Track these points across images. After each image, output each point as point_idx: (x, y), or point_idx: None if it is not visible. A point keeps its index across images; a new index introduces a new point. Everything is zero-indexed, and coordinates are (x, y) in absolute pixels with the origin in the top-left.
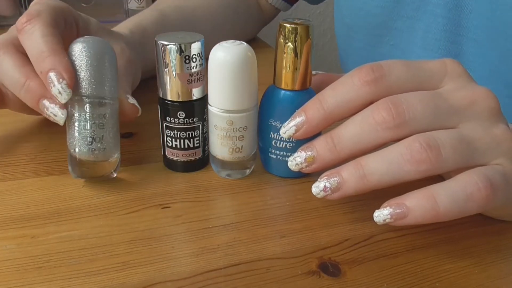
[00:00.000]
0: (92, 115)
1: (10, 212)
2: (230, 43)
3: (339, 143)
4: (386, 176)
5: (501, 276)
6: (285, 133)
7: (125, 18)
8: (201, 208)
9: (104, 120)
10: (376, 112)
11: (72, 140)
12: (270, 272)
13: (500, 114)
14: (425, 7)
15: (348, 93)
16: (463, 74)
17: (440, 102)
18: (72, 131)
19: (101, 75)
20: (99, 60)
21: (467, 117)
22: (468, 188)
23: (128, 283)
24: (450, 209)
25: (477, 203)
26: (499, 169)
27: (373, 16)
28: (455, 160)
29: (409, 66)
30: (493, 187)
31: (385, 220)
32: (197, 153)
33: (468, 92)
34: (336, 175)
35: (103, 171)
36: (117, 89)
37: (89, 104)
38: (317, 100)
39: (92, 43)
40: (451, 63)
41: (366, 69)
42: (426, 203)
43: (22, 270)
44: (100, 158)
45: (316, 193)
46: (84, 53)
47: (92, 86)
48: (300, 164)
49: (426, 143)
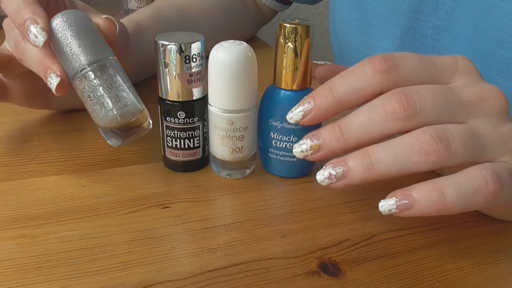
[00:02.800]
0: (99, 80)
1: (11, 212)
2: (230, 43)
3: (347, 132)
4: (394, 166)
5: (501, 276)
6: (292, 118)
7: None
8: (201, 208)
9: (112, 79)
10: (387, 102)
11: (94, 114)
12: (270, 272)
13: (508, 113)
14: (415, 28)
15: (359, 81)
16: (474, 72)
17: (450, 96)
18: (91, 105)
19: (90, 40)
20: (81, 28)
21: (476, 113)
22: (476, 182)
23: (128, 283)
24: (457, 202)
25: (484, 197)
26: (506, 166)
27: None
28: (464, 154)
29: (421, 59)
30: (501, 182)
31: (390, 210)
32: (197, 153)
33: (478, 89)
34: (342, 163)
35: (137, 126)
36: (107, 46)
37: (90, 72)
38: (327, 87)
39: (69, 14)
40: (462, 60)
41: (378, 59)
42: (433, 195)
43: (22, 270)
44: (128, 117)
45: (320, 180)
46: (67, 25)
47: (86, 54)
48: (305, 151)
49: (437, 135)
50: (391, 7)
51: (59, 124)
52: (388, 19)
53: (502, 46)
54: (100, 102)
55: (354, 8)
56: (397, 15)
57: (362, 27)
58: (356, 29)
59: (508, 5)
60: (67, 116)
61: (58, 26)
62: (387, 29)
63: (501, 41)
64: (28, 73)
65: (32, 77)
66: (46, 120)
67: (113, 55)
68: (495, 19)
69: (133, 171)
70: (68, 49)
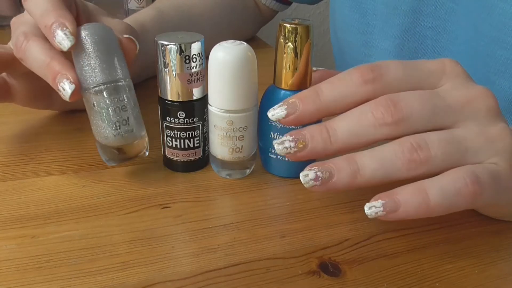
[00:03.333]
0: (112, 101)
1: (11, 212)
2: (230, 43)
3: (334, 134)
4: (379, 172)
5: (501, 276)
6: (274, 115)
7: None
8: (201, 208)
9: (124, 102)
10: (375, 108)
11: (99, 130)
12: (270, 272)
13: (498, 113)
14: (414, 28)
15: (345, 89)
16: (462, 74)
17: (437, 101)
18: (97, 121)
19: (111, 59)
20: (105, 45)
21: (464, 116)
22: (457, 183)
23: (128, 283)
24: (441, 203)
25: (465, 198)
26: (490, 167)
27: (362, 34)
28: (444, 160)
29: (406, 66)
30: (480, 183)
31: (377, 213)
32: (197, 153)
33: (466, 92)
34: (329, 167)
35: (135, 152)
36: (127, 68)
37: (105, 91)
38: (314, 91)
39: (93, 29)
40: (449, 63)
41: (365, 68)
42: (418, 197)
43: (22, 270)
44: (130, 140)
45: (304, 182)
46: (89, 40)
47: (105, 72)
48: (288, 148)
49: (417, 144)
50: (391, 7)
51: (59, 124)
52: (388, 19)
53: (501, 46)
54: (106, 120)
55: (354, 8)
56: (397, 15)
57: (362, 27)
58: (356, 29)
59: (507, 5)
60: (68, 116)
61: (83, 37)
62: (387, 29)
63: (500, 41)
64: (31, 74)
65: (36, 78)
66: (47, 120)
67: (129, 77)
68: (494, 19)
69: (133, 171)
70: (88, 61)
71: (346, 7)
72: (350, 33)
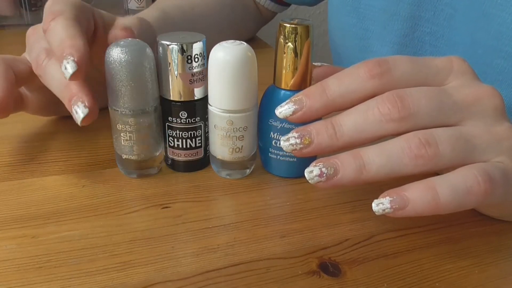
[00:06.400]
0: (136, 125)
1: (11, 212)
2: (230, 43)
3: (340, 130)
4: (385, 168)
5: (501, 276)
6: (281, 113)
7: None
8: (201, 208)
9: (147, 126)
10: (382, 103)
11: (120, 146)
12: (270, 272)
13: (504, 113)
14: (412, 34)
15: (352, 84)
16: (469, 72)
17: (444, 98)
18: (119, 140)
19: (143, 87)
20: (139, 70)
21: (470, 114)
22: (468, 181)
23: (128, 283)
24: (450, 201)
25: (476, 197)
26: (499, 166)
27: (360, 39)
28: (452, 156)
29: (414, 62)
30: (492, 182)
31: (384, 210)
32: (199, 152)
33: (473, 90)
34: (334, 162)
35: (150, 166)
36: (158, 92)
37: (132, 117)
38: (321, 87)
39: (130, 50)
40: (457, 61)
41: (372, 63)
42: (427, 194)
43: (22, 270)
44: (147, 157)
45: (309, 178)
46: (124, 64)
47: (135, 99)
48: (294, 145)
49: (425, 139)
50: (389, 12)
51: (59, 124)
52: (386, 25)
53: (498, 56)
54: (128, 139)
55: (352, 14)
56: (395, 20)
57: (360, 32)
58: (354, 35)
59: (506, 14)
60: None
61: (113, 62)
62: (385, 35)
63: (498, 50)
64: (45, 87)
65: (48, 91)
66: (47, 121)
67: (158, 102)
68: (492, 28)
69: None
70: (119, 87)
71: (343, 12)
72: (348, 38)
